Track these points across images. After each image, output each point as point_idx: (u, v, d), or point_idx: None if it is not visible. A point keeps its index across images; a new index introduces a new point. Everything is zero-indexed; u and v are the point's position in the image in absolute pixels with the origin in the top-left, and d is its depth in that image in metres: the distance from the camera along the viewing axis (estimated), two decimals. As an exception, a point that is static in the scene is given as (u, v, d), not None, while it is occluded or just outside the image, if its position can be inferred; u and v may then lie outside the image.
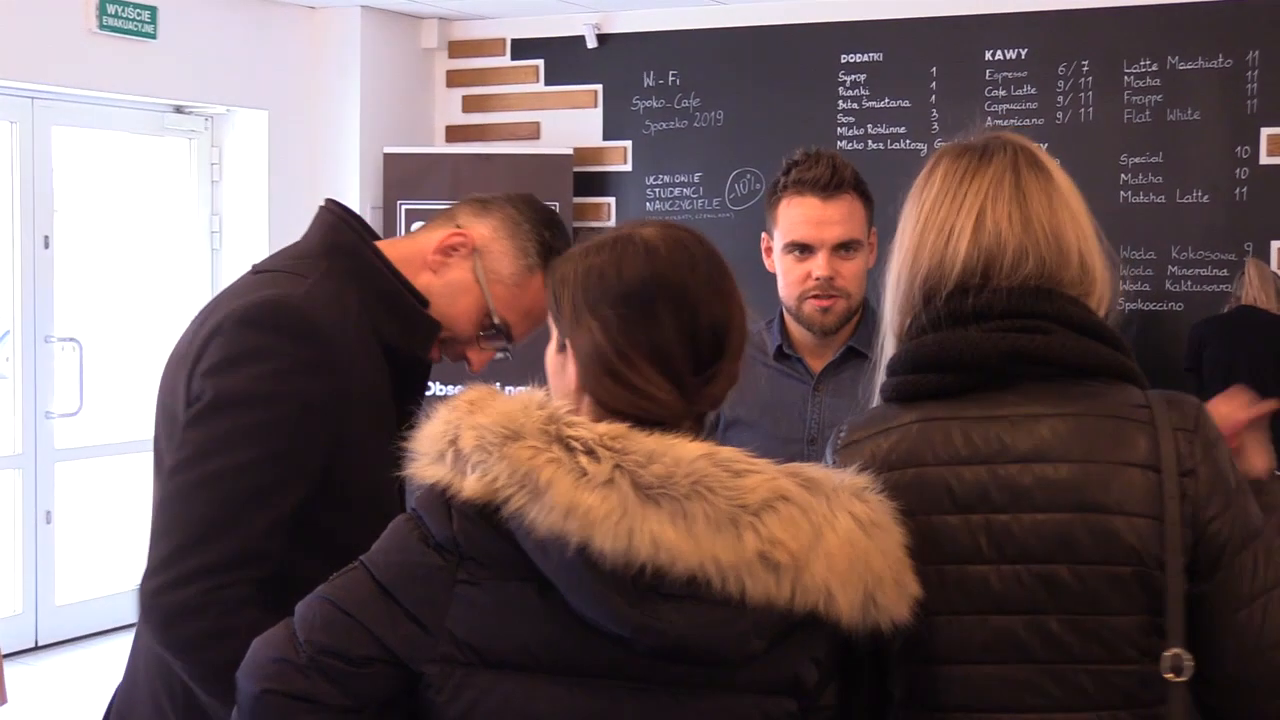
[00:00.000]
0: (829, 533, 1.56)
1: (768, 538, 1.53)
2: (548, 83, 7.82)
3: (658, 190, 7.59)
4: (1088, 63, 6.79)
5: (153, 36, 6.65)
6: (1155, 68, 6.66)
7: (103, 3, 6.39)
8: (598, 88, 7.71)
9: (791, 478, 1.58)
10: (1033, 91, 6.87)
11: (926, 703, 1.78)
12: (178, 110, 7.20)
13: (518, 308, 2.18)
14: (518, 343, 2.23)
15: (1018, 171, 1.86)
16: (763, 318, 2.95)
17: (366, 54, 7.49)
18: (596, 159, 7.68)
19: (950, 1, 6.97)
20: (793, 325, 2.86)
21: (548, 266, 2.10)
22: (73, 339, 6.68)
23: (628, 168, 7.65)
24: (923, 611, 1.67)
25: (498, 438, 1.55)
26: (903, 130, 7.02)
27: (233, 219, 7.35)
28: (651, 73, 7.58)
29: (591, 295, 1.67)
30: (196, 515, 1.91)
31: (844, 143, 7.08)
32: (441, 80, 8.04)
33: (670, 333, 1.65)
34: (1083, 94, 6.80)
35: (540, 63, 7.83)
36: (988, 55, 6.95)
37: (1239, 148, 6.55)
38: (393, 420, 2.10)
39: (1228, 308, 6.50)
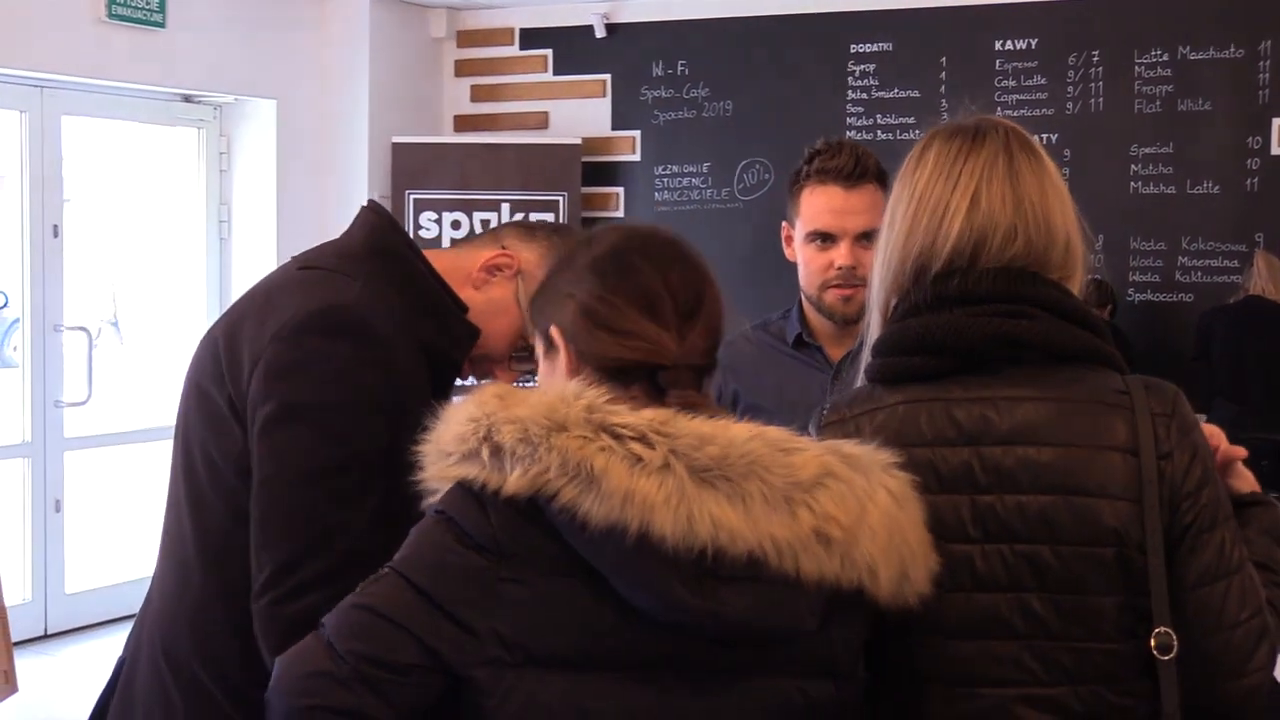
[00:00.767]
0: (871, 507, 1.59)
1: (821, 514, 1.55)
2: (556, 72, 7.81)
3: (666, 180, 7.58)
4: (1098, 53, 6.77)
5: (162, 25, 6.64)
6: (1166, 58, 6.65)
7: (112, -9, 6.40)
8: (606, 77, 7.70)
9: (834, 454, 1.61)
10: (1043, 82, 6.85)
11: (910, 676, 1.81)
12: (186, 99, 7.20)
13: None
14: None
15: (1010, 153, 1.89)
16: (779, 307, 2.96)
17: (375, 43, 7.49)
18: (605, 149, 7.68)
19: (960, -9, 6.97)
20: (812, 314, 2.86)
21: None
22: (82, 327, 6.69)
23: (636, 158, 7.65)
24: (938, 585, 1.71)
25: (542, 429, 1.53)
26: (912, 120, 7.01)
27: (241, 208, 7.36)
28: (660, 62, 7.57)
29: (567, 276, 1.71)
30: (300, 523, 1.92)
31: (853, 133, 7.07)
32: (450, 70, 8.03)
33: (649, 279, 1.67)
34: (1093, 84, 6.78)
35: (549, 52, 7.83)
36: (998, 45, 6.93)
37: (1250, 138, 6.53)
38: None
39: (1234, 299, 6.50)
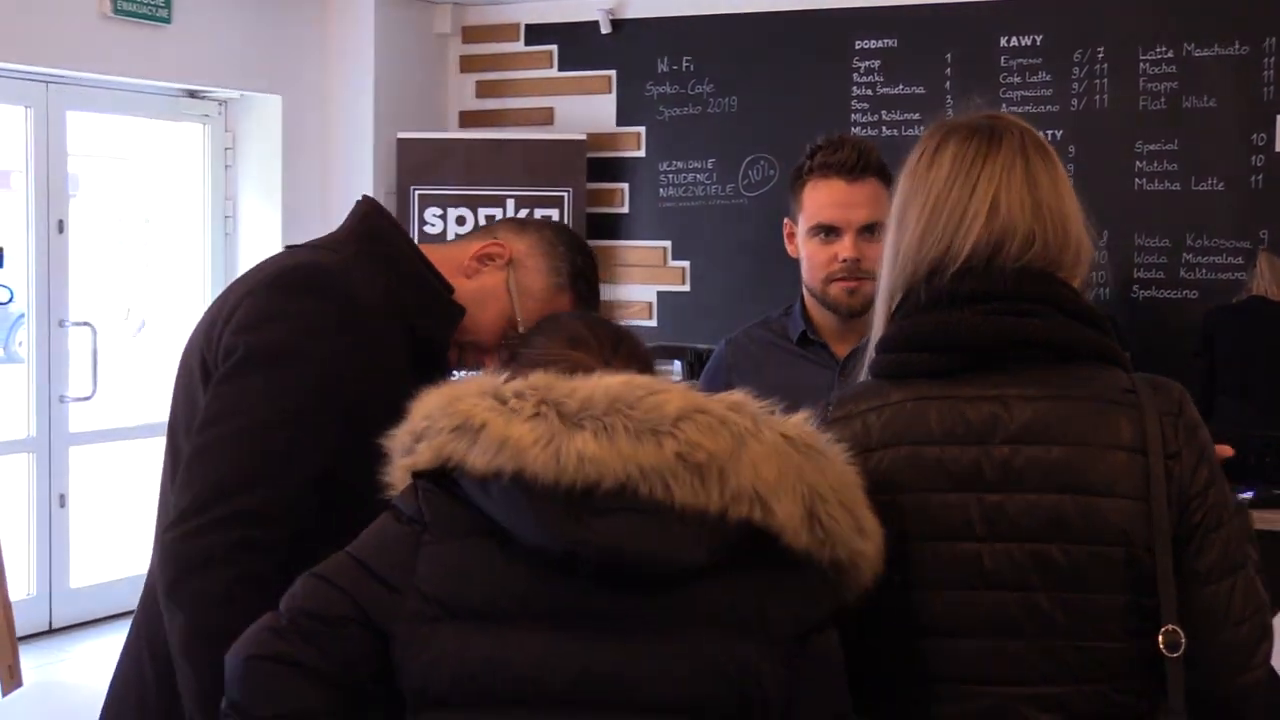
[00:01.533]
0: (752, 442, 1.63)
1: (685, 441, 1.60)
2: (561, 68, 7.81)
3: (671, 176, 7.58)
4: (1103, 49, 6.76)
5: (167, 21, 6.65)
6: (1171, 54, 6.64)
7: (117, -13, 6.41)
8: (611, 73, 7.70)
9: (713, 399, 1.67)
10: (1048, 78, 6.85)
11: (916, 675, 1.82)
12: (191, 95, 7.20)
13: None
14: None
15: (1027, 156, 1.89)
16: (783, 303, 2.96)
17: (380, 39, 7.49)
18: (610, 145, 7.67)
19: (965, -13, 6.96)
20: (815, 310, 2.86)
21: (576, 289, 2.26)
22: (87, 323, 6.70)
23: (641, 153, 7.64)
24: (905, 577, 1.73)
25: (443, 404, 1.68)
26: (917, 116, 7.00)
27: (246, 204, 7.36)
28: (665, 58, 7.56)
29: (514, 350, 2.03)
30: (227, 466, 1.94)
31: (858, 129, 7.06)
32: (455, 65, 8.03)
33: (571, 328, 1.95)
34: (1098, 81, 6.78)
35: (554, 48, 7.82)
36: (1003, 41, 6.93)
37: (1255, 135, 6.52)
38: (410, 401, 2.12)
39: (1237, 300, 6.49)
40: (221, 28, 6.92)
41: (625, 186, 7.68)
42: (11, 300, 6.77)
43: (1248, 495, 5.40)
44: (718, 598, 1.63)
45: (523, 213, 7.28)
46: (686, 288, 7.52)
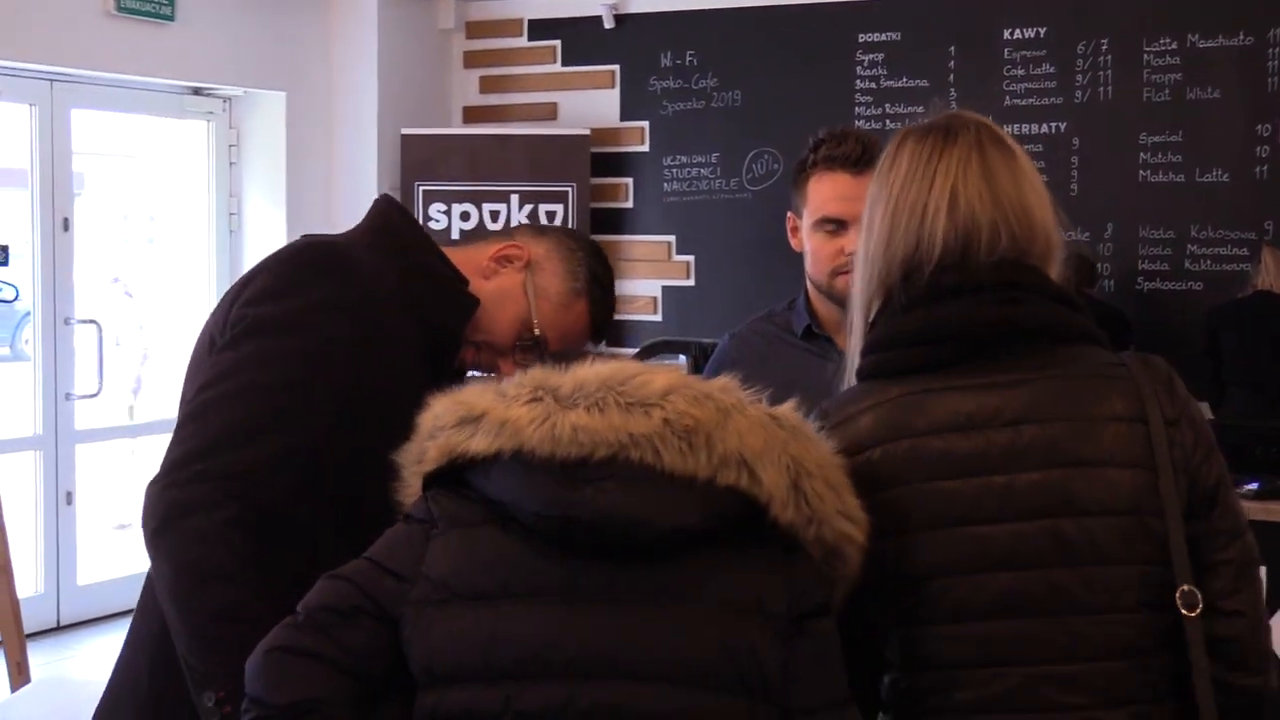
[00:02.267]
0: (737, 415, 1.70)
1: (673, 410, 1.68)
2: (565, 63, 7.82)
3: (675, 171, 7.58)
4: (1107, 41, 6.76)
5: (170, 19, 6.66)
6: (1175, 46, 6.63)
7: (120, -15, 6.41)
8: (615, 68, 7.70)
9: (699, 381, 1.75)
10: (1051, 70, 6.84)
11: (933, 662, 1.82)
12: (196, 92, 7.21)
13: (558, 327, 2.27)
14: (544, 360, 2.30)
15: (983, 149, 1.91)
16: (783, 299, 2.96)
17: (384, 35, 7.49)
18: (614, 139, 7.68)
19: (969, -20, 6.96)
20: (820, 303, 2.86)
21: (592, 294, 2.28)
22: (93, 320, 6.71)
23: (645, 148, 7.65)
24: (922, 566, 1.75)
25: (446, 405, 1.76)
26: (921, 110, 6.91)
27: (251, 201, 7.38)
28: (669, 53, 7.57)
29: None
30: (213, 425, 1.96)
31: (862, 122, 7.07)
32: (459, 61, 8.04)
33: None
34: (1102, 73, 6.77)
35: (557, 43, 7.83)
36: (1006, 34, 6.92)
37: (1259, 126, 6.52)
38: (417, 399, 2.11)
39: (1241, 295, 6.49)
40: (225, 25, 6.93)
41: (629, 181, 7.68)
42: (17, 298, 6.79)
43: (1252, 487, 5.40)
44: (714, 574, 1.67)
45: (526, 208, 7.29)
46: (691, 282, 7.52)
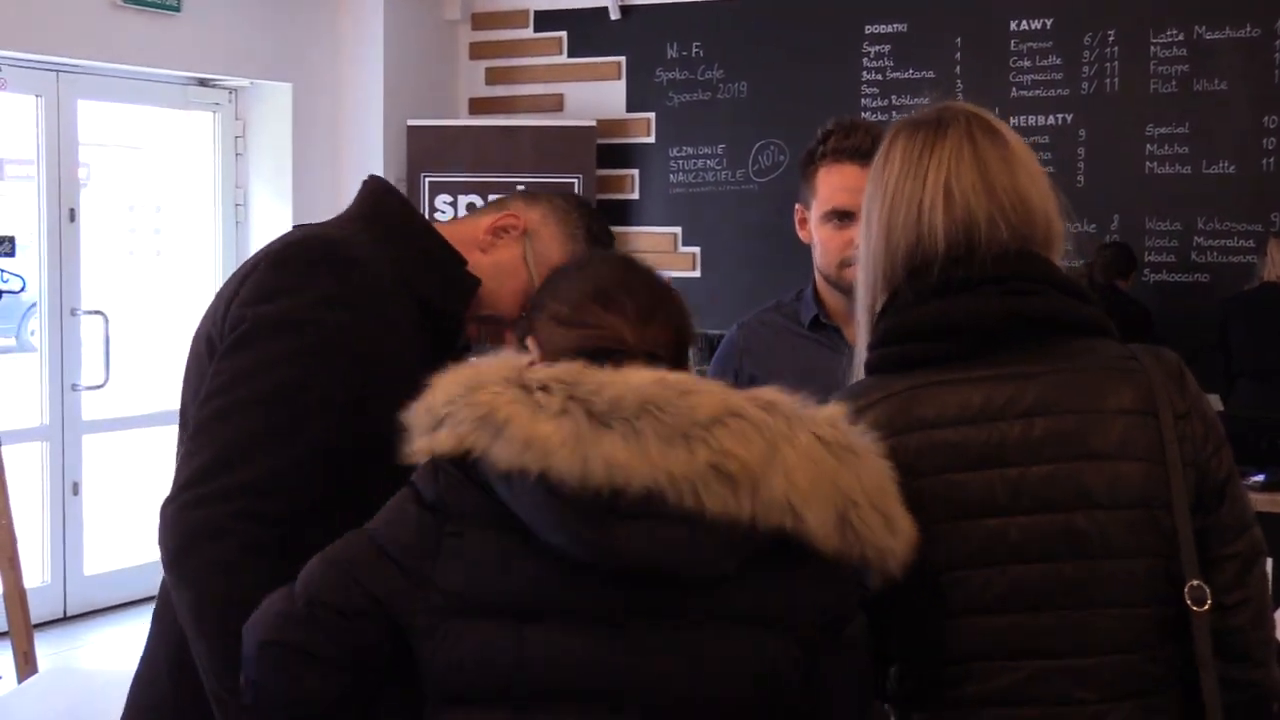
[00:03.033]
0: (786, 448, 1.58)
1: (718, 449, 1.55)
2: (571, 55, 7.81)
3: (681, 162, 7.58)
4: (1113, 32, 6.75)
5: (176, 9, 6.66)
6: (1182, 37, 6.62)
7: (127, -24, 6.41)
8: (621, 59, 7.70)
9: (747, 398, 1.62)
10: (1058, 62, 6.83)
11: (949, 653, 1.81)
12: (202, 83, 7.21)
13: None
14: None
15: (974, 140, 1.90)
16: (790, 289, 2.96)
17: (390, 26, 7.49)
18: (620, 131, 7.67)
19: (975, -29, 6.95)
20: (828, 294, 2.86)
21: None
22: (99, 311, 6.72)
23: (651, 139, 7.65)
24: (934, 560, 1.73)
25: (463, 389, 1.63)
26: (927, 101, 6.90)
27: (257, 192, 7.38)
28: (675, 44, 7.56)
29: (544, 294, 1.86)
30: (228, 437, 1.92)
31: (868, 113, 7.05)
32: (465, 52, 8.04)
33: (606, 277, 1.80)
34: (1108, 64, 6.76)
35: (564, 34, 7.82)
36: (1012, 25, 6.91)
37: (1266, 117, 6.51)
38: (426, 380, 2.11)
39: (1248, 287, 6.48)
40: (231, 16, 6.93)
41: (635, 173, 7.68)
42: (24, 289, 6.79)
43: (1259, 478, 5.40)
44: (743, 594, 1.61)
45: (533, 199, 7.27)
46: (697, 273, 7.52)
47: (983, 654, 1.80)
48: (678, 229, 7.58)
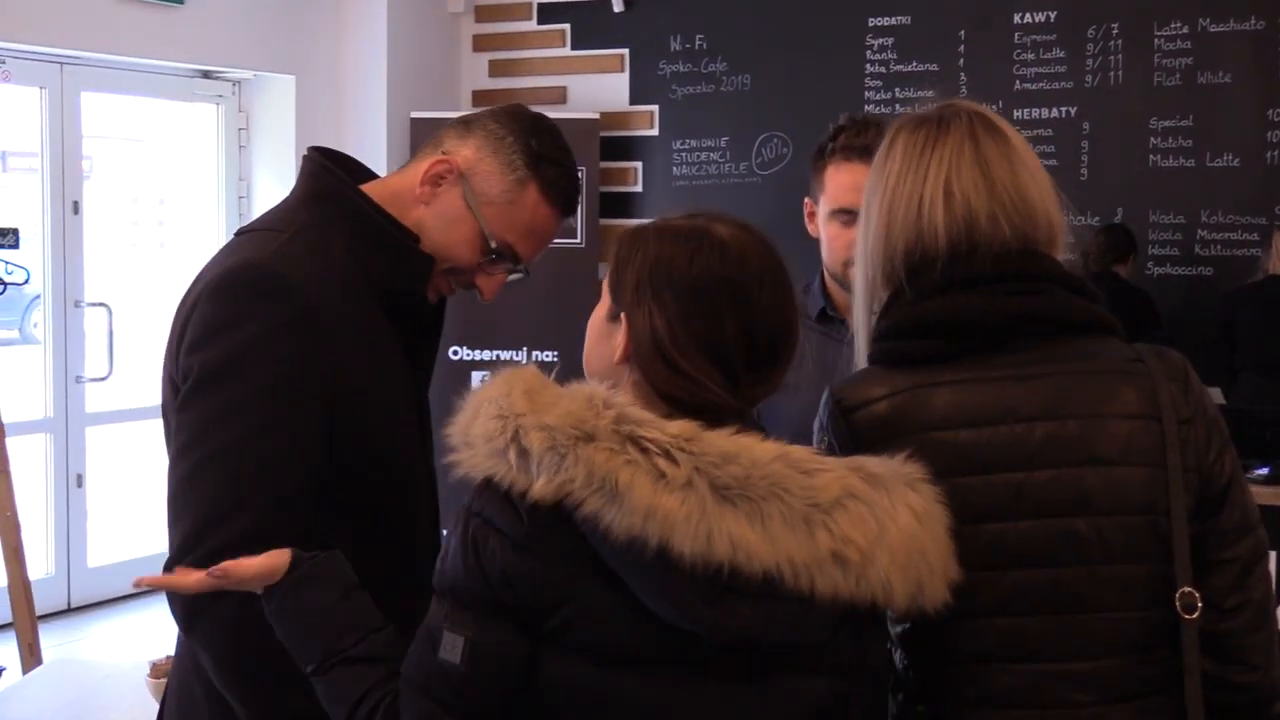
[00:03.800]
0: (891, 527, 1.59)
1: (840, 536, 1.55)
2: (574, 47, 7.81)
3: (684, 155, 7.57)
4: (1117, 25, 6.73)
5: (180, 2, 6.65)
6: (1186, 30, 6.61)
7: (130, -32, 6.41)
8: (624, 52, 7.69)
9: (856, 473, 1.61)
10: (1062, 55, 6.82)
11: (944, 657, 1.82)
12: (205, 76, 7.21)
13: (516, 226, 2.09)
14: (527, 263, 2.13)
15: (975, 138, 1.89)
16: (798, 281, 2.97)
17: (393, 19, 7.49)
18: (623, 123, 7.67)
19: (979, -36, 6.94)
20: (834, 289, 2.88)
21: (539, 174, 2.07)
22: (103, 303, 6.72)
23: (654, 132, 7.64)
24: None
25: (569, 439, 1.54)
26: (931, 94, 6.94)
27: (260, 184, 7.38)
28: (678, 36, 7.55)
29: (657, 280, 1.68)
30: (207, 497, 1.87)
31: (872, 106, 7.05)
32: (468, 44, 8.03)
33: (730, 333, 1.66)
34: (1112, 57, 6.75)
35: (567, 27, 7.82)
36: (1016, 18, 6.90)
37: (1270, 111, 6.49)
38: (400, 367, 2.08)
39: (1252, 280, 6.47)
40: (234, 8, 6.93)
41: (638, 165, 7.67)
42: (28, 281, 6.80)
43: (1263, 472, 5.40)
44: (821, 652, 1.63)
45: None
46: (700, 266, 7.50)
47: (983, 656, 1.80)
48: (681, 222, 7.57)
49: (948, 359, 1.84)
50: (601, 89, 7.70)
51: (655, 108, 7.63)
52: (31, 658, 4.74)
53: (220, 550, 1.80)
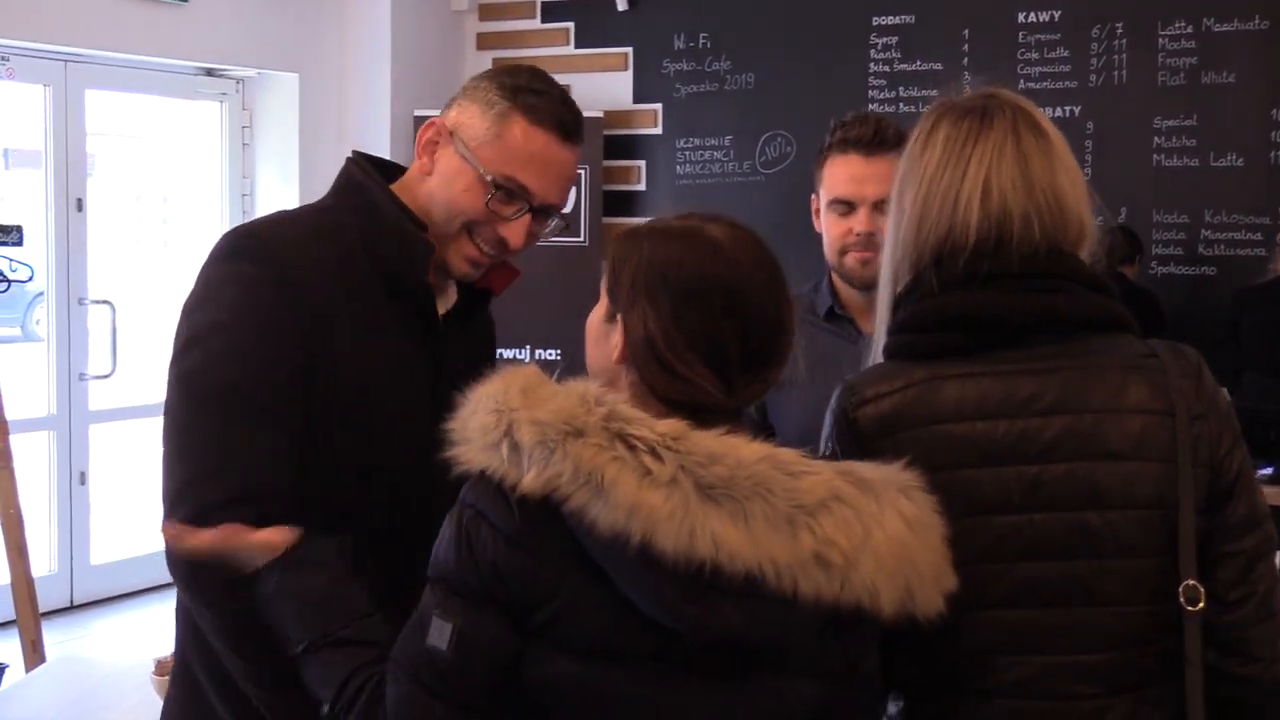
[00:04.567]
0: (878, 532, 1.59)
1: (823, 538, 1.55)
2: (578, 45, 7.81)
3: (688, 153, 7.57)
4: (1121, 25, 6.73)
5: (184, -1, 6.67)
6: (1190, 29, 6.61)
7: (134, -34, 6.41)
8: (628, 50, 7.69)
9: (844, 477, 1.61)
10: (1065, 54, 6.82)
11: (953, 650, 1.82)
12: (209, 73, 7.21)
13: (512, 158, 2.11)
14: (541, 197, 2.14)
15: (1018, 135, 1.89)
16: (806, 280, 2.99)
17: (397, 17, 7.49)
18: (627, 122, 7.67)
19: (983, -37, 6.93)
20: (841, 285, 2.93)
21: (519, 102, 2.11)
22: (106, 301, 6.72)
23: (658, 131, 7.64)
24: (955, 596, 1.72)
25: (559, 434, 1.56)
26: (934, 93, 6.90)
27: (263, 182, 7.38)
28: (682, 35, 7.55)
29: (652, 281, 1.69)
30: (193, 449, 1.93)
31: (875, 105, 7.05)
32: (472, 43, 8.03)
33: (724, 333, 1.67)
34: (1116, 56, 6.75)
35: (570, 25, 7.82)
36: (1020, 18, 6.90)
37: (1274, 110, 6.49)
38: (407, 359, 2.10)
39: (1259, 280, 6.46)
40: (238, 6, 6.93)
41: (642, 164, 7.67)
42: (31, 279, 6.80)
43: (1267, 471, 5.40)
44: (803, 652, 1.64)
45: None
46: (703, 265, 7.50)
47: (992, 648, 1.81)
48: (684, 220, 7.56)
49: (965, 353, 1.84)
50: (605, 87, 7.70)
51: (659, 106, 7.63)
52: (35, 655, 4.75)
53: (204, 511, 1.86)
